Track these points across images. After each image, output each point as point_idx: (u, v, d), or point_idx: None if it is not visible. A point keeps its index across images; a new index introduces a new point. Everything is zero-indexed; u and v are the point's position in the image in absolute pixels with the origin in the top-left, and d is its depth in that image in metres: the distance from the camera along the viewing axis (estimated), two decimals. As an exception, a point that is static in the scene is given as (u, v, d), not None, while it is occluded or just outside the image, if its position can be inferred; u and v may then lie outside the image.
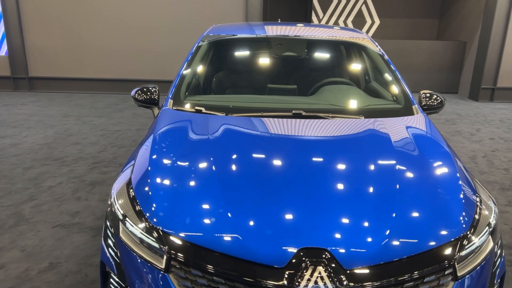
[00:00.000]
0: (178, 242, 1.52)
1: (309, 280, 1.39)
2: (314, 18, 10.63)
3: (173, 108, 2.43)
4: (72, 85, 9.03)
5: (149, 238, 1.57)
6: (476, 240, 1.57)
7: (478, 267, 1.56)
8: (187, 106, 2.45)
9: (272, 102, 2.64)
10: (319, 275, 1.39)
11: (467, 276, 1.53)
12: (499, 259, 1.71)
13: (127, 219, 1.66)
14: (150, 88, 2.77)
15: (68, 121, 6.51)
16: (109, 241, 1.74)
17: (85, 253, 2.85)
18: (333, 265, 1.41)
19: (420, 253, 1.48)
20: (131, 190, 1.77)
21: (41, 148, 5.10)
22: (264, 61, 3.06)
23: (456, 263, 1.50)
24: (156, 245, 1.54)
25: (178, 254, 1.50)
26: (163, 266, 1.52)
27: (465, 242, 1.55)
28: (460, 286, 1.51)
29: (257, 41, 3.12)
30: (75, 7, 8.57)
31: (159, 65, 8.87)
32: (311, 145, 2.06)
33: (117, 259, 1.67)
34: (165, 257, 1.52)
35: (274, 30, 3.17)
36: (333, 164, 1.90)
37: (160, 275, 1.52)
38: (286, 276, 1.40)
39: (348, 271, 1.41)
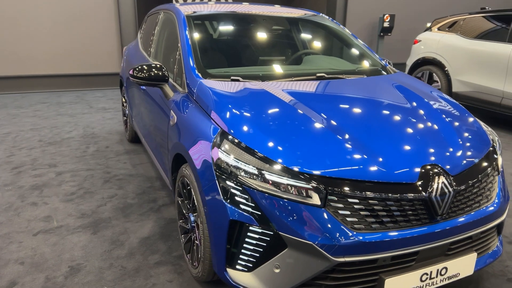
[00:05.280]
0: (329, 179, 1.74)
1: (437, 187, 1.80)
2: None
3: (208, 79, 2.45)
4: None
5: (299, 182, 1.73)
6: (497, 147, 2.24)
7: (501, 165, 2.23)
8: (220, 77, 2.51)
9: (286, 70, 2.92)
10: (442, 182, 1.82)
11: (501, 170, 2.18)
12: None
13: (264, 171, 1.77)
14: (152, 66, 2.65)
15: None
16: (239, 199, 1.80)
17: (101, 249, 2.62)
18: (445, 174, 1.86)
19: (483, 158, 2.06)
20: (253, 149, 1.85)
21: None
22: (253, 35, 3.24)
23: (498, 160, 2.13)
24: (309, 186, 1.72)
25: (335, 189, 1.72)
26: (319, 203, 1.71)
27: (495, 147, 2.20)
28: (500, 177, 2.16)
29: (245, 18, 3.27)
30: None
31: (15, 59, 7.70)
32: (367, 95, 2.48)
33: (257, 212, 1.76)
34: (317, 195, 1.71)
35: (253, 9, 3.37)
36: (400, 107, 2.34)
37: (318, 211, 1.71)
38: (420, 187, 1.79)
39: (453, 177, 1.88)
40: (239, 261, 1.87)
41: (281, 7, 3.62)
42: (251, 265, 1.84)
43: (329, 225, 1.70)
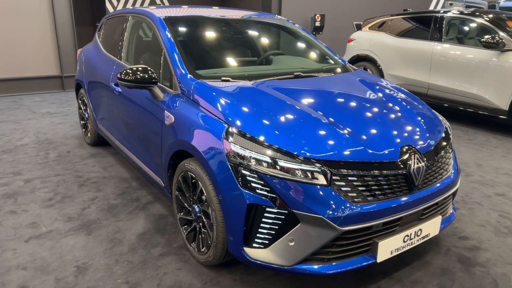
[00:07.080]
0: (333, 162, 2.06)
1: (413, 163, 2.21)
2: (108, 6, 10.39)
3: (201, 80, 2.65)
4: None
5: (308, 166, 2.03)
6: (448, 128, 2.73)
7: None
8: (210, 78, 2.71)
9: (265, 70, 3.21)
10: (417, 159, 2.23)
11: (453, 148, 2.67)
12: None
13: (277, 159, 2.04)
14: (141, 69, 2.75)
15: None
16: (254, 185, 2.05)
17: (101, 248, 2.71)
18: (418, 152, 2.28)
19: (441, 138, 2.52)
20: (263, 141, 2.11)
21: None
22: (228, 37, 3.45)
23: (451, 139, 2.61)
24: (317, 169, 2.03)
25: (337, 170, 2.04)
26: (326, 183, 2.03)
27: (447, 128, 2.69)
28: (453, 153, 2.64)
29: (218, 21, 3.46)
30: None
31: None
32: (342, 90, 2.85)
33: (272, 195, 2.03)
34: (323, 176, 2.03)
35: (223, 13, 3.57)
36: (371, 98, 2.72)
37: (326, 190, 2.02)
38: (401, 164, 2.18)
39: (423, 154, 2.30)
40: (256, 240, 2.12)
41: (239, 10, 3.90)
42: (267, 242, 2.11)
43: (335, 201, 2.02)
